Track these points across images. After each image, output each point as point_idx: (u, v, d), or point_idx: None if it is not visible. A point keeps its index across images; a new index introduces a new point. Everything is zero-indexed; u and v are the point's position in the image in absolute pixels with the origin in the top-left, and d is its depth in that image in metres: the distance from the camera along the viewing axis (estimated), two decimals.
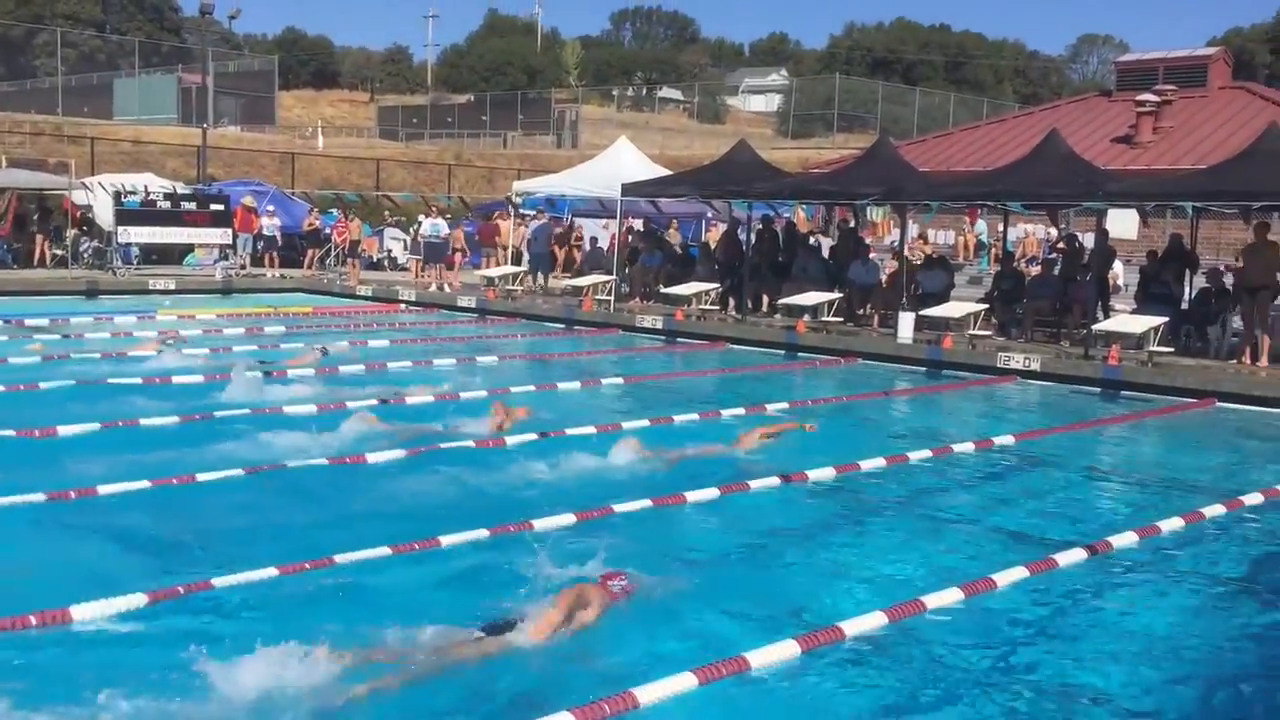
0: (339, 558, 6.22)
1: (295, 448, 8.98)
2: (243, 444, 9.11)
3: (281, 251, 26.95)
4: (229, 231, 25.45)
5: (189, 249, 25.81)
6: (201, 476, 7.95)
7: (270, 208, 27.61)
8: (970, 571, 6.59)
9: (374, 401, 11.09)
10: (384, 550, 6.38)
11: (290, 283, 24.98)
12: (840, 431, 11.02)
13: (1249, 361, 15.27)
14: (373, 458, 8.79)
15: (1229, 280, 16.83)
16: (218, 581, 5.81)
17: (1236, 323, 16.35)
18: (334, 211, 30.17)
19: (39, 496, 7.22)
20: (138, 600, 5.53)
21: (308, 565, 6.14)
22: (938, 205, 18.81)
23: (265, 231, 26.54)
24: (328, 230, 28.14)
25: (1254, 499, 8.77)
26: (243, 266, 25.72)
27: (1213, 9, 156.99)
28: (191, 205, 25.35)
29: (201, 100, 41.80)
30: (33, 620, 5.25)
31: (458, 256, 26.03)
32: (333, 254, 27.83)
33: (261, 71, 56.87)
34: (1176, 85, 29.54)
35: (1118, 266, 21.23)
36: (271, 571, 5.97)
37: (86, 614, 5.37)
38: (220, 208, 25.60)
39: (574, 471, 8.74)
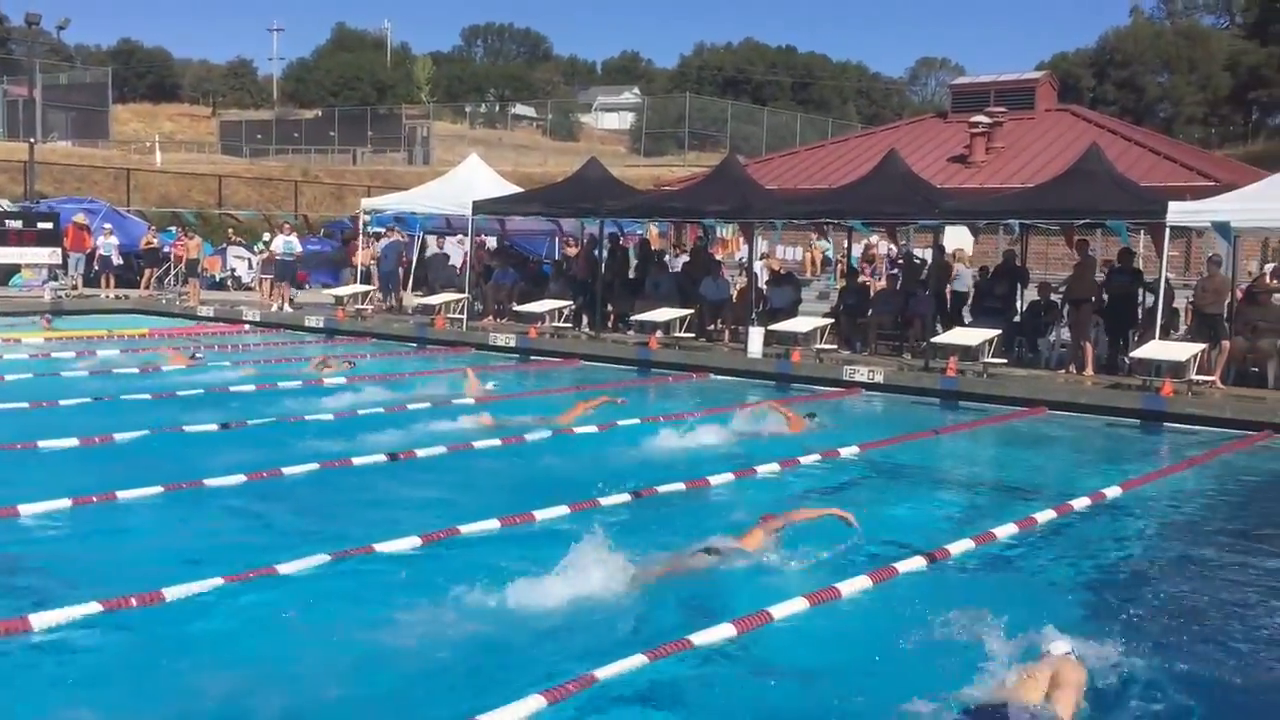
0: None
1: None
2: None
3: (118, 271, 25.87)
4: (59, 251, 24.28)
5: (15, 269, 24.55)
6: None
7: (106, 226, 26.48)
8: (815, 581, 6.72)
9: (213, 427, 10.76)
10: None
11: (127, 304, 23.98)
12: (687, 445, 11.13)
13: (1075, 371, 16.06)
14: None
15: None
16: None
17: (1065, 334, 17.19)
18: (172, 229, 29.12)
19: None
20: None
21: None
22: (783, 223, 19.26)
23: (101, 251, 25.44)
24: (166, 249, 27.14)
25: (1082, 503, 9.21)
26: (74, 287, 24.57)
27: (1040, 35, 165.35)
28: (18, 224, 24.11)
29: (29, 113, 39.87)
30: None
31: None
32: (172, 273, 26.84)
33: (94, 84, 54.53)
34: (1007, 107, 30.95)
35: (967, 278, 22.10)
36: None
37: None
38: (49, 226, 24.40)
39: None
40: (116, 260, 25.96)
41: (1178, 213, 14.97)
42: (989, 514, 8.85)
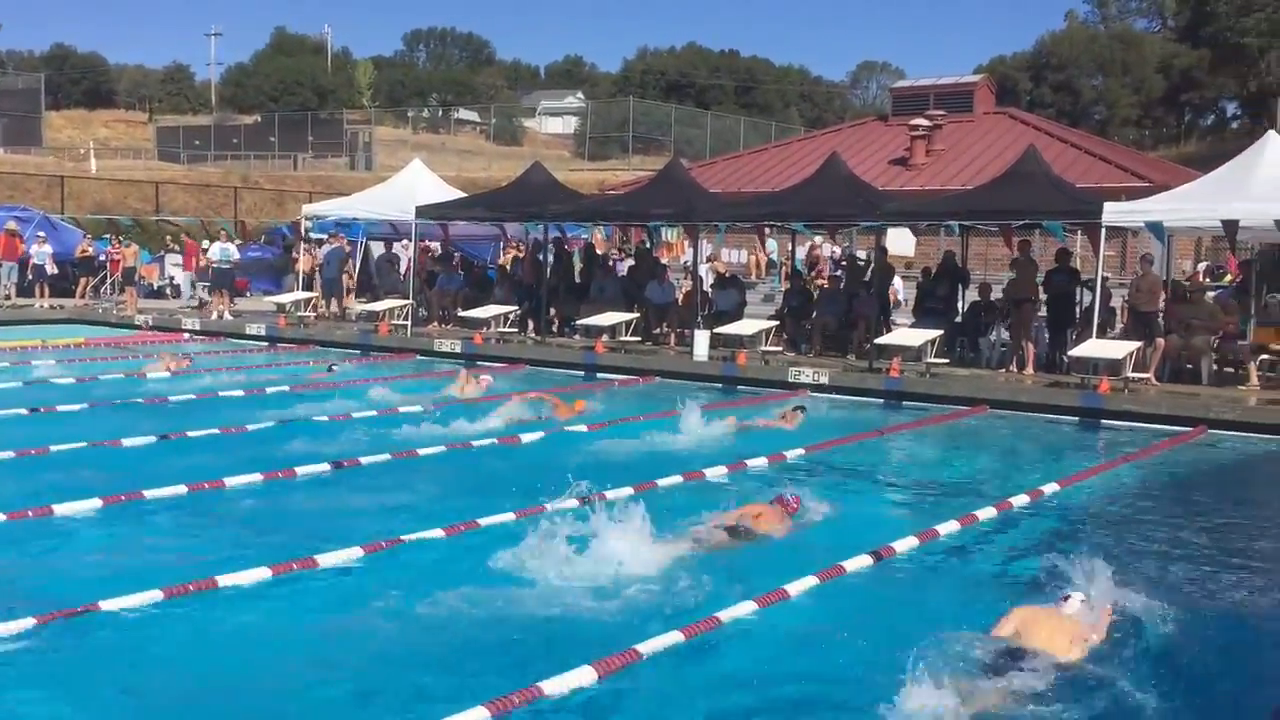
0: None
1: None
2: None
3: (53, 280, 25.36)
4: None
5: None
6: None
7: (40, 234, 25.95)
8: (763, 584, 6.74)
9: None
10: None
11: (62, 313, 23.52)
12: (635, 450, 11.14)
13: (1016, 370, 16.29)
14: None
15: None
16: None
17: (1006, 334, 17.42)
18: (108, 237, 28.59)
19: None
20: None
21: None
22: (725, 225, 19.35)
23: (35, 260, 24.93)
24: (102, 257, 26.65)
25: (1021, 500, 9.34)
26: (7, 297, 24.05)
27: (979, 39, 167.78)
28: None
29: None
30: None
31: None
32: (108, 282, 26.36)
33: (26, 90, 53.47)
34: (946, 110, 31.40)
35: (897, 282, 22.31)
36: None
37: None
38: None
39: None
40: (51, 269, 25.45)
41: (1113, 213, 15.25)
42: (932, 511, 8.94)
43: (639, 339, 19.11)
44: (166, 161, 53.60)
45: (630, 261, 23.70)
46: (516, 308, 20.63)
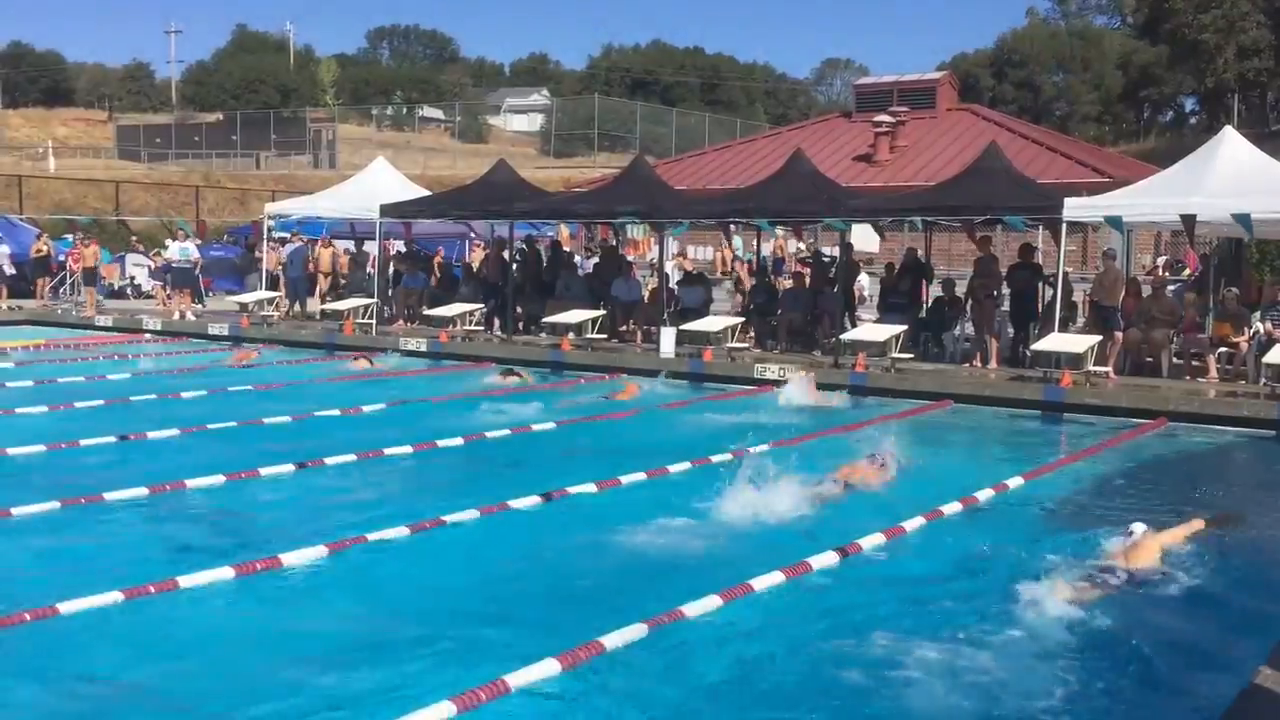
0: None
1: None
2: None
3: (11, 281, 25.00)
4: None
5: None
6: None
7: None
8: (727, 579, 6.76)
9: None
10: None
11: (21, 314, 23.21)
12: (596, 450, 11.13)
13: (980, 364, 16.41)
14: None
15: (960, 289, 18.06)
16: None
17: (970, 328, 17.56)
18: (68, 237, 28.22)
19: None
20: None
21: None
22: (689, 222, 19.37)
23: None
24: (61, 256, 26.29)
25: (986, 494, 9.41)
26: None
27: (941, 35, 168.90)
28: None
29: None
30: None
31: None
32: (68, 282, 26.03)
33: None
34: (909, 107, 31.55)
35: (863, 278, 22.41)
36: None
37: None
38: None
39: None
40: (9, 270, 25.09)
41: (1073, 208, 15.40)
42: (899, 505, 8.97)
43: (605, 336, 19.09)
44: (127, 160, 53.02)
45: (595, 259, 23.67)
46: (482, 306, 20.56)
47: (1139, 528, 7.60)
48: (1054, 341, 14.97)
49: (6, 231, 26.58)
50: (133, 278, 28.48)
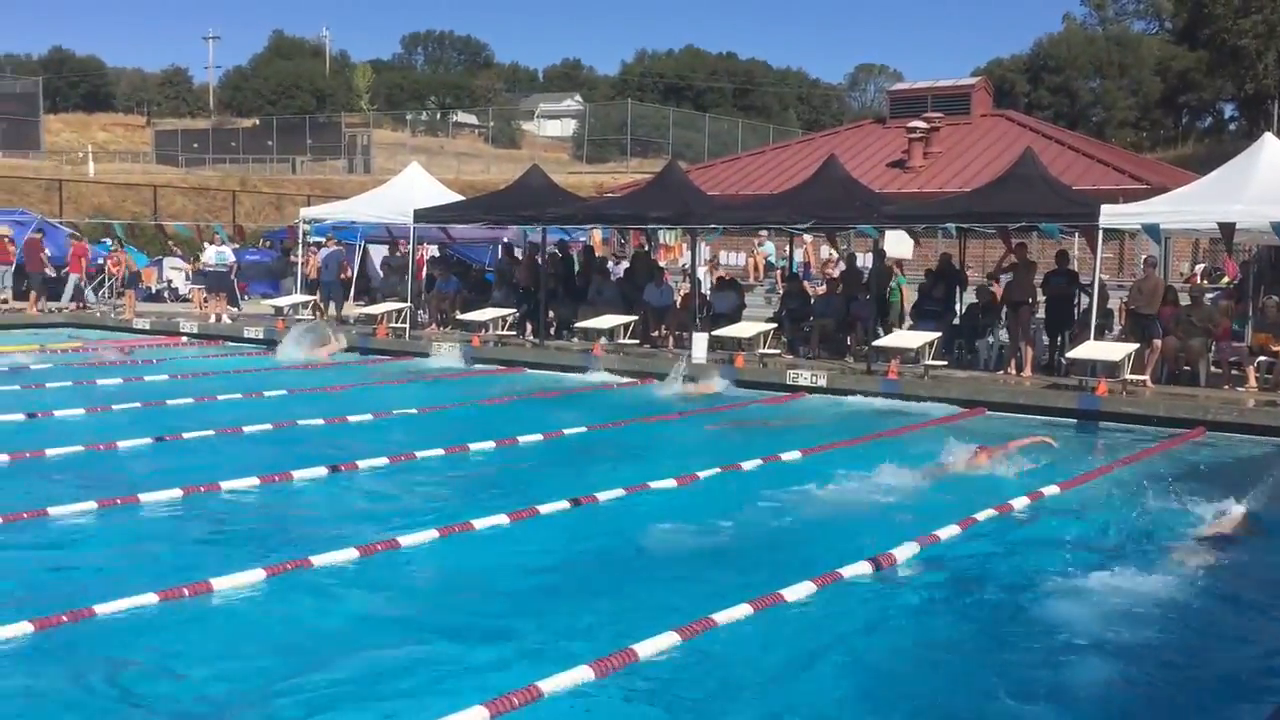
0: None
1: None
2: None
3: (51, 284, 25.27)
4: None
5: None
6: None
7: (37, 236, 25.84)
8: (762, 586, 6.74)
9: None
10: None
11: (60, 317, 23.50)
12: (634, 453, 11.12)
13: (1014, 372, 16.28)
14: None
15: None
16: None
17: (1004, 335, 17.43)
18: (107, 241, 28.55)
19: None
20: None
21: None
22: (723, 228, 19.33)
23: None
24: (100, 260, 26.59)
25: (1021, 502, 9.33)
26: (4, 301, 24.04)
27: (976, 42, 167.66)
28: None
29: None
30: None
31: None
32: (106, 285, 26.33)
33: (24, 93, 53.41)
34: (944, 113, 31.40)
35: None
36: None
37: None
38: None
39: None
40: (49, 272, 25.36)
41: (1110, 216, 15.25)
42: (933, 514, 8.91)
43: (637, 341, 19.10)
44: (165, 165, 53.56)
45: (626, 264, 23.67)
46: (515, 310, 20.62)
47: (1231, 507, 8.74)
48: (1090, 349, 14.83)
49: (48, 234, 26.87)
50: (169, 281, 28.77)
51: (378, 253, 27.12)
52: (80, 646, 5.70)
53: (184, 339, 21.62)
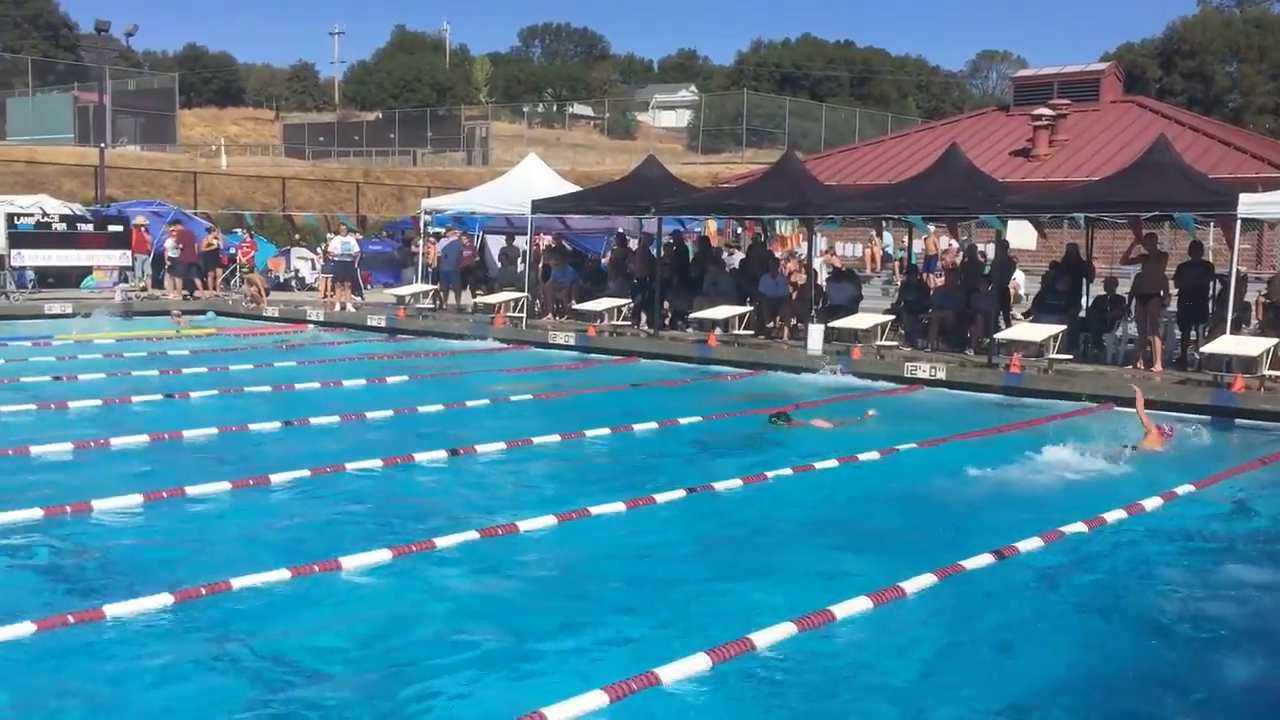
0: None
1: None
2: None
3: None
4: (128, 253, 24.82)
5: (87, 272, 25.12)
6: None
7: (175, 227, 26.93)
8: (878, 580, 6.67)
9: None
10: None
11: (195, 304, 24.45)
12: (741, 442, 11.09)
13: (1143, 367, 15.74)
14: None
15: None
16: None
17: (1132, 329, 16.86)
18: (238, 231, 29.57)
19: None
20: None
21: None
22: (842, 218, 19.09)
23: (169, 253, 25.92)
24: (232, 250, 27.56)
25: (1154, 502, 9.03)
26: (144, 288, 25.07)
27: (1105, 26, 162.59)
28: (89, 227, 24.71)
29: (99, 119, 40.70)
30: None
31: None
32: (238, 274, 27.27)
33: (162, 89, 55.63)
34: (1070, 99, 30.46)
35: (1019, 276, 21.74)
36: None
37: None
38: (119, 229, 24.96)
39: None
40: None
41: (1248, 205, 14.63)
42: (1061, 510, 8.69)
43: (752, 332, 19.02)
44: (292, 158, 55.28)
45: (740, 255, 23.57)
46: (629, 301, 20.72)
47: None
48: (1226, 344, 14.25)
49: (184, 225, 27.96)
50: (297, 270, 29.66)
51: (495, 243, 27.54)
52: (217, 617, 5.94)
53: (310, 326, 22.28)
